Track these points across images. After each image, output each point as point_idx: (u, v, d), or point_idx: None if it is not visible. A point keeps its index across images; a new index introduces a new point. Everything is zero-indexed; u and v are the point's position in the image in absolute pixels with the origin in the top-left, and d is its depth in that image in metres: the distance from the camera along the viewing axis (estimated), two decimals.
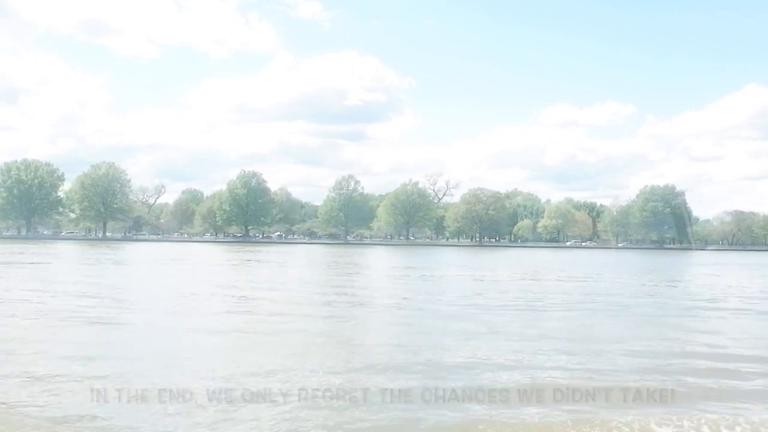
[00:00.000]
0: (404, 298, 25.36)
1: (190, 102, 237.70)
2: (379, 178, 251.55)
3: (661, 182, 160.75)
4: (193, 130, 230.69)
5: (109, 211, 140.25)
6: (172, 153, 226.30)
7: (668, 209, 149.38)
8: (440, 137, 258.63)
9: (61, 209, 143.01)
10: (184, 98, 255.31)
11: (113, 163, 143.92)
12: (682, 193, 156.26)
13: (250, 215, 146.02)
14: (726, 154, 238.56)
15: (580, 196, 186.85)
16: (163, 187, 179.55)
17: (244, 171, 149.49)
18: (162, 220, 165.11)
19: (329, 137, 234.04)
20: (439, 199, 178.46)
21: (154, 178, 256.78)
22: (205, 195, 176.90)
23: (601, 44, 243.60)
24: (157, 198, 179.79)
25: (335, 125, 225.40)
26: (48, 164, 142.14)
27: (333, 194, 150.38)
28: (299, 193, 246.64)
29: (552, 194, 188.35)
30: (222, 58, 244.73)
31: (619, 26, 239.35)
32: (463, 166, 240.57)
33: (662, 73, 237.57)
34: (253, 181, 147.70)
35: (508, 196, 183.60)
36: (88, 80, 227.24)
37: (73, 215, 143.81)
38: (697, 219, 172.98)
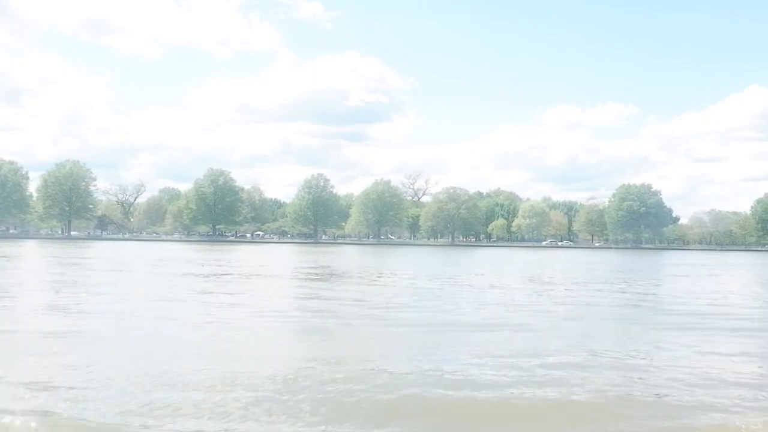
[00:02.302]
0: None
1: (193, 102, 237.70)
2: (383, 178, 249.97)
3: (638, 181, 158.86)
4: (196, 130, 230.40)
5: (73, 209, 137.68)
6: (175, 153, 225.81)
7: (644, 208, 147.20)
8: (442, 138, 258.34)
9: (25, 207, 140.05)
10: (186, 98, 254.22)
11: (78, 161, 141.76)
12: (658, 192, 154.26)
13: (217, 214, 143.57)
14: (728, 155, 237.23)
15: (582, 197, 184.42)
16: (142, 185, 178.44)
17: (212, 169, 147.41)
18: (132, 219, 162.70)
19: (331, 138, 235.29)
20: (419, 198, 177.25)
21: (156, 178, 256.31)
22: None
23: (602, 45, 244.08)
24: (137, 197, 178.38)
25: (337, 126, 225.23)
26: (11, 162, 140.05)
27: (302, 193, 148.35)
28: None
29: (554, 195, 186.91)
30: (224, 58, 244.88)
31: (621, 27, 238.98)
32: (465, 167, 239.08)
33: (664, 74, 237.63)
34: (221, 179, 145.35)
35: (489, 195, 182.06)
36: (92, 80, 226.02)
37: (36, 214, 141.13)
38: (677, 218, 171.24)
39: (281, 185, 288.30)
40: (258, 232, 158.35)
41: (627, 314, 20.99)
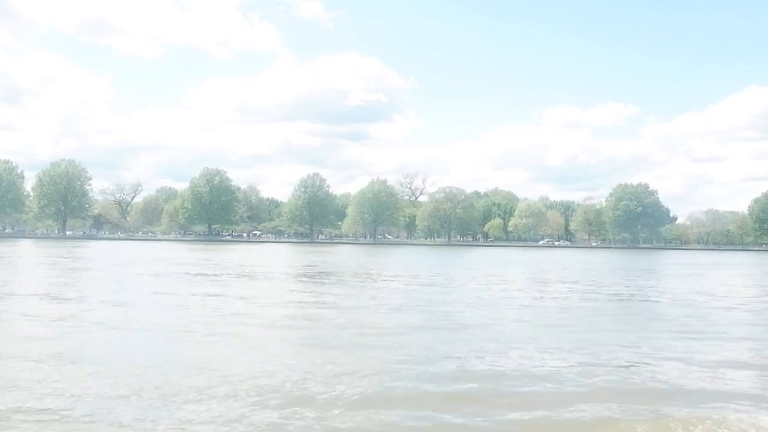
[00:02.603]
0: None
1: (193, 102, 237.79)
2: (383, 177, 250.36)
3: (634, 181, 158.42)
4: (196, 130, 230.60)
5: (68, 208, 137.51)
6: (175, 153, 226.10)
7: (640, 208, 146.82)
8: (442, 138, 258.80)
9: (20, 207, 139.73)
10: (186, 98, 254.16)
11: (73, 161, 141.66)
12: (654, 192, 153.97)
13: (213, 213, 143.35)
14: (728, 155, 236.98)
15: (582, 197, 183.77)
16: (139, 185, 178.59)
17: (207, 169, 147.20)
18: (128, 219, 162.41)
19: (331, 137, 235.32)
20: (416, 198, 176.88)
21: (156, 178, 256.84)
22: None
23: (602, 45, 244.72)
24: (134, 196, 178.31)
25: (337, 126, 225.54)
26: (6, 161, 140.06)
27: (298, 192, 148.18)
28: None
29: (554, 195, 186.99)
30: (224, 58, 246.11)
31: (621, 27, 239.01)
32: (465, 167, 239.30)
33: (664, 73, 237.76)
34: (216, 179, 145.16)
35: (487, 195, 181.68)
36: (92, 80, 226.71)
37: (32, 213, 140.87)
38: (674, 218, 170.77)
39: (281, 185, 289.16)
40: (255, 232, 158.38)
41: (589, 316, 20.66)
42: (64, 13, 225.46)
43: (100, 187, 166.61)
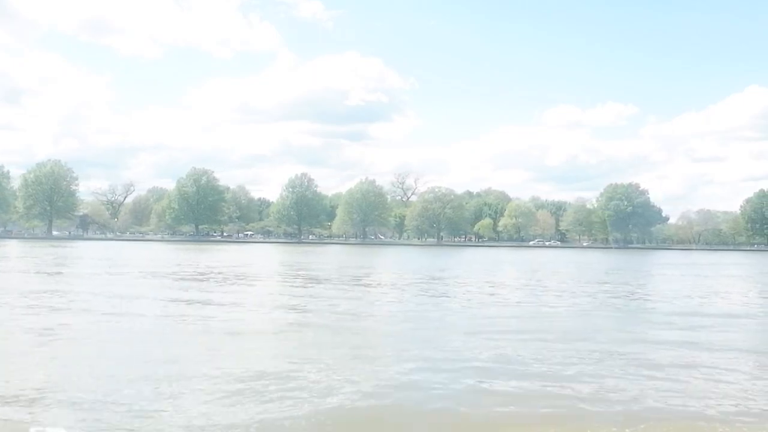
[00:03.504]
0: None
1: (193, 102, 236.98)
2: (381, 177, 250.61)
3: (625, 181, 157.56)
4: (196, 130, 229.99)
5: (54, 209, 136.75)
6: (175, 153, 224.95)
7: (631, 208, 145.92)
8: (442, 138, 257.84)
9: (6, 207, 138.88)
10: (186, 98, 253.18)
11: (59, 161, 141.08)
12: (645, 192, 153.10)
13: (200, 213, 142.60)
14: (728, 155, 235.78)
15: (582, 197, 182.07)
16: (132, 185, 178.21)
17: (195, 168, 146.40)
18: (116, 219, 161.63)
19: (331, 137, 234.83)
20: (408, 198, 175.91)
21: (156, 178, 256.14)
22: None
23: (602, 45, 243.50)
24: (126, 197, 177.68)
25: (337, 126, 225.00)
26: None
27: (285, 192, 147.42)
28: None
29: (554, 195, 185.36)
30: (224, 58, 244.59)
31: (621, 27, 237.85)
32: (465, 167, 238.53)
33: (664, 74, 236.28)
34: (204, 179, 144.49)
35: (479, 195, 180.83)
36: (92, 80, 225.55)
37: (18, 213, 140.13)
38: (666, 218, 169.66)
39: (281, 185, 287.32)
40: (247, 232, 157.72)
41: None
42: (64, 13, 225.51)
43: (96, 187, 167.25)
